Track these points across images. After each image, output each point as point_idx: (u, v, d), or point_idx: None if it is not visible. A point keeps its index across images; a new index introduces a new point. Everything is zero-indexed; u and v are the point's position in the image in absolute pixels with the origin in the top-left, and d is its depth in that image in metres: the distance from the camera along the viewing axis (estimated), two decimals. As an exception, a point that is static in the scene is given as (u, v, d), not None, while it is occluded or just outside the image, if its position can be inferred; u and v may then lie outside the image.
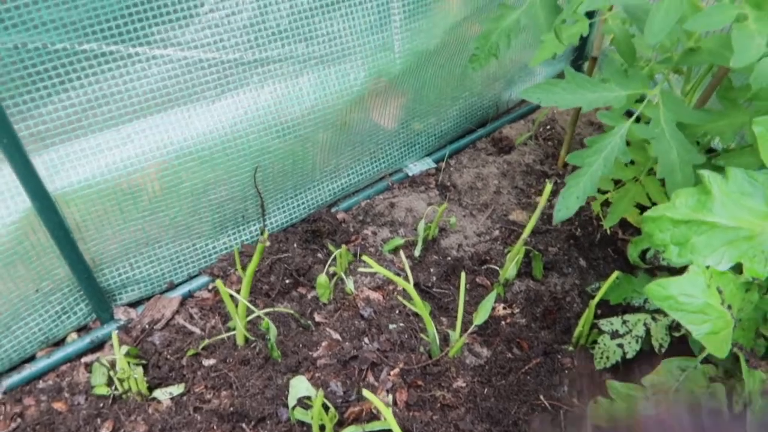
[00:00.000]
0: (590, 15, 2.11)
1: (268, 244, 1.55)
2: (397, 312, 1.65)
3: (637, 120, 1.33)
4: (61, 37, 1.33)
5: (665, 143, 1.26)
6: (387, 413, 1.00)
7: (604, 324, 1.48)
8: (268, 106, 1.66)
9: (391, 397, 1.44)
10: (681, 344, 1.39)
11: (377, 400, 0.98)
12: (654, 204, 1.71)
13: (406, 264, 1.35)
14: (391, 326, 1.61)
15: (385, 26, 1.80)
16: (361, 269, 1.40)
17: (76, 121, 1.42)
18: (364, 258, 1.29)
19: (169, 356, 1.57)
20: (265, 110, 1.65)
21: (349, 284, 1.71)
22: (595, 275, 1.81)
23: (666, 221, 0.88)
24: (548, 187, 1.50)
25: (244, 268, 1.76)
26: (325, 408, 1.32)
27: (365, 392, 1.00)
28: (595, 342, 1.54)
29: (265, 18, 1.59)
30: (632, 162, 1.70)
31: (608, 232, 1.96)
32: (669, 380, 0.95)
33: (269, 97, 1.66)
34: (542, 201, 1.53)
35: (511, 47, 1.76)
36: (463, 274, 1.41)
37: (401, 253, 1.38)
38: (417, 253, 1.81)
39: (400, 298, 1.56)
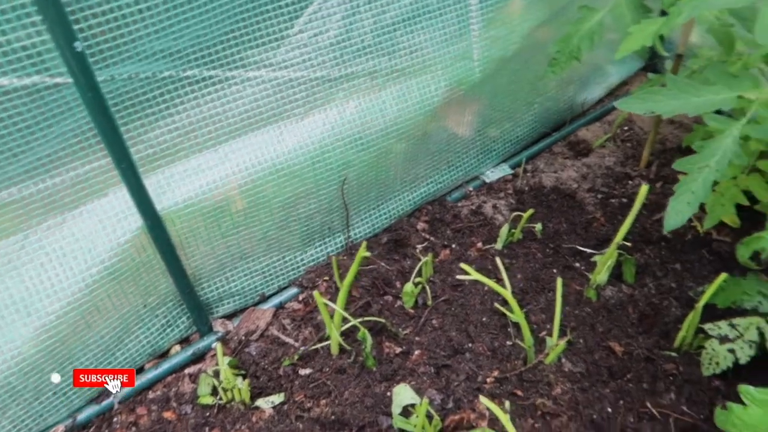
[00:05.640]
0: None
1: (368, 254, 1.57)
2: (484, 317, 1.65)
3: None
4: (167, 65, 1.41)
5: (778, 140, 1.20)
6: (505, 420, 1.00)
7: (711, 328, 1.42)
8: (353, 120, 1.70)
9: (489, 405, 1.43)
10: (799, 349, 1.32)
11: (496, 408, 0.98)
12: (756, 203, 1.63)
13: (503, 270, 1.34)
14: (481, 332, 1.60)
15: (464, 36, 1.82)
16: (458, 276, 1.40)
17: (179, 143, 1.51)
18: (462, 266, 1.30)
19: (266, 366, 1.62)
20: (351, 124, 1.69)
21: (433, 292, 1.71)
22: (691, 278, 1.74)
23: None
24: (644, 188, 1.47)
25: (332, 278, 1.80)
26: (428, 416, 1.33)
27: (482, 398, 1.01)
28: (699, 347, 1.48)
29: (350, 35, 1.63)
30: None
31: (700, 233, 1.88)
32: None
33: (354, 111, 1.70)
34: (637, 204, 1.49)
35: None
36: (559, 280, 1.39)
37: (498, 260, 1.38)
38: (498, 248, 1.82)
39: (497, 305, 1.55)
